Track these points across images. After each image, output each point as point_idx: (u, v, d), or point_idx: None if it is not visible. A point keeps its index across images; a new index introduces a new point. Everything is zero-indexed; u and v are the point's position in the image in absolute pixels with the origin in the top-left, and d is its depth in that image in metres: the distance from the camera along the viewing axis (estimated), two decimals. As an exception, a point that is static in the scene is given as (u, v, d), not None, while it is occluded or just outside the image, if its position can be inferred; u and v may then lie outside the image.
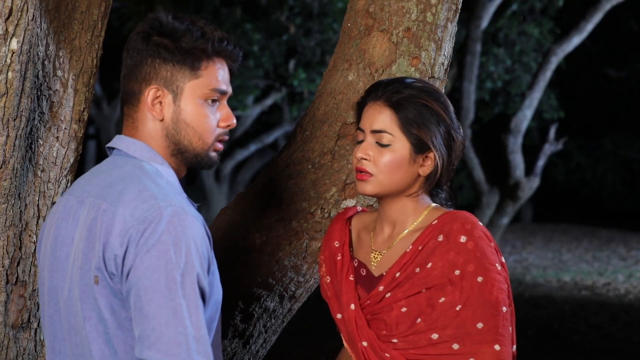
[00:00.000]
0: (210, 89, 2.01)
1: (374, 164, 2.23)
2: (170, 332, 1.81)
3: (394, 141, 2.22)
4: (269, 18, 12.21)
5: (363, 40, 2.67)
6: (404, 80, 2.26)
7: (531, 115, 11.58)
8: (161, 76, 1.99)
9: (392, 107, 2.22)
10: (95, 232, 1.90)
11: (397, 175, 2.23)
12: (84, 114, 2.53)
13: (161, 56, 1.98)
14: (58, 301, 1.99)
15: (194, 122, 2.00)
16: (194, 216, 1.91)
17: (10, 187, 2.34)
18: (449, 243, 2.20)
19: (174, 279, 1.83)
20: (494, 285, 2.17)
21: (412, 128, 2.21)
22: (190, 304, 1.84)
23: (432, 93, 2.24)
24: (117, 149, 2.03)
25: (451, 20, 2.69)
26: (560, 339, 8.31)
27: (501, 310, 2.16)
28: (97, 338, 1.91)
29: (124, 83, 2.04)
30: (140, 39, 2.00)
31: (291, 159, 2.73)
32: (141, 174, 1.95)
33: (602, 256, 14.15)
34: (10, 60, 2.24)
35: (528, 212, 19.86)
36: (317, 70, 12.33)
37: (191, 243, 1.86)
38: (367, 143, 2.24)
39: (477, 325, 2.15)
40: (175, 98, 2.00)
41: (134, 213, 1.87)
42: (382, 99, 2.23)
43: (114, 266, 1.87)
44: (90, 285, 1.90)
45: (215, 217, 2.83)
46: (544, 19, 13.04)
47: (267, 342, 2.83)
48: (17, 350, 2.46)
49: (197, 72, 2.00)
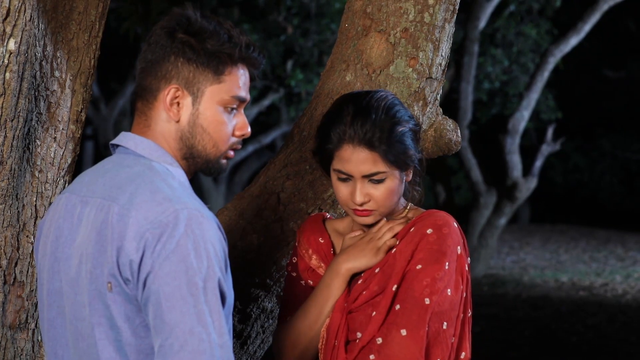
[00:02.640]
0: (231, 95, 1.95)
1: (373, 201, 2.25)
2: (194, 340, 1.75)
3: (386, 175, 2.24)
4: (266, 19, 12.21)
5: (361, 41, 2.67)
6: (370, 113, 2.22)
7: (529, 115, 11.60)
8: (183, 76, 1.93)
9: (376, 149, 2.21)
10: (107, 236, 1.84)
11: (394, 199, 2.27)
12: (81, 115, 2.53)
13: (185, 55, 1.92)
14: (62, 305, 1.93)
15: (210, 127, 1.95)
16: (210, 218, 1.85)
17: (8, 187, 2.34)
18: (417, 235, 2.24)
19: (196, 284, 1.77)
20: (428, 277, 2.19)
21: (399, 161, 2.23)
22: (212, 310, 1.78)
23: (396, 113, 2.24)
24: (124, 146, 1.97)
25: (449, 20, 2.69)
26: (557, 340, 8.31)
27: (423, 301, 2.18)
28: (107, 346, 1.85)
29: (141, 77, 1.96)
30: (164, 35, 1.93)
31: (289, 159, 2.73)
32: (152, 174, 1.88)
33: (600, 257, 14.16)
34: (8, 61, 2.23)
35: (525, 212, 19.87)
36: (314, 71, 12.34)
37: (210, 247, 1.81)
38: (361, 186, 2.24)
39: (395, 307, 2.19)
40: (194, 100, 1.94)
41: (148, 216, 1.81)
42: (362, 143, 2.21)
43: (129, 272, 1.81)
44: (101, 291, 1.84)
45: (213, 217, 2.83)
46: (541, 19, 13.05)
47: (264, 342, 2.83)
48: (15, 351, 2.46)
49: (220, 77, 1.94)
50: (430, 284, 2.19)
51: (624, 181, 19.39)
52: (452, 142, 2.71)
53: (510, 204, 11.63)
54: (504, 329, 8.76)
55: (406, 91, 2.65)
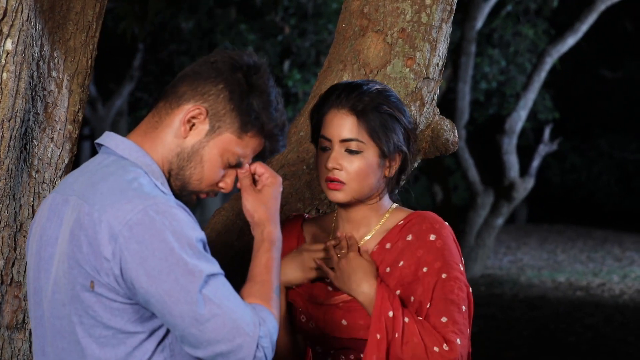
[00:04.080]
0: (239, 154, 1.98)
1: (345, 173, 2.24)
2: (210, 322, 1.79)
3: (364, 148, 2.23)
4: (263, 19, 12.21)
5: (358, 41, 2.67)
6: (361, 85, 2.26)
7: (526, 116, 11.61)
8: (216, 107, 1.95)
9: (358, 116, 2.22)
10: (79, 236, 1.84)
11: (368, 181, 2.25)
12: (78, 115, 2.53)
13: (232, 94, 1.95)
14: (43, 303, 1.94)
15: (207, 164, 1.96)
16: (178, 206, 1.86)
17: (5, 187, 2.34)
18: (418, 241, 2.24)
19: (193, 272, 1.80)
20: (456, 283, 2.21)
21: (380, 135, 2.22)
22: (212, 290, 1.81)
23: (389, 97, 2.26)
24: (105, 146, 1.98)
25: (446, 21, 2.69)
26: (555, 340, 8.32)
27: (462, 308, 2.20)
28: (91, 343, 1.86)
29: (179, 81, 1.98)
30: (229, 65, 1.96)
31: (286, 159, 2.73)
32: (124, 173, 1.89)
33: (597, 257, 14.17)
34: (5, 61, 2.23)
35: (523, 212, 19.89)
36: (311, 71, 12.34)
37: (189, 233, 1.83)
38: (336, 152, 2.24)
39: (441, 319, 2.18)
40: (209, 132, 1.95)
41: (118, 216, 1.82)
42: (347, 107, 2.23)
43: (111, 276, 1.82)
44: (79, 290, 1.85)
45: (210, 217, 2.83)
46: (538, 19, 13.06)
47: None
48: (12, 351, 2.46)
49: (242, 134, 1.96)
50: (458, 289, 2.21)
51: (621, 181, 19.41)
52: (449, 142, 2.71)
53: (508, 204, 11.64)
54: (501, 329, 8.77)
55: (403, 91, 2.65)
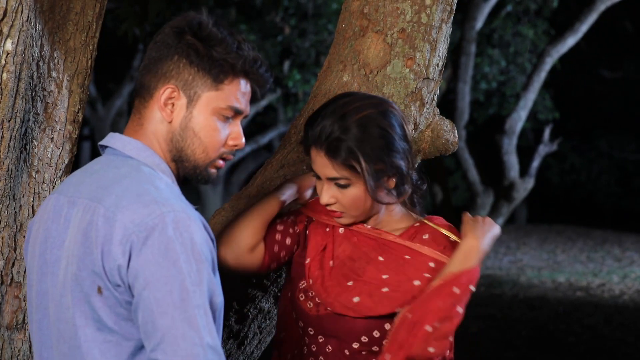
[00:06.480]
0: (227, 105, 1.94)
1: (340, 204, 2.26)
2: (187, 345, 1.74)
3: (352, 181, 2.23)
4: (263, 19, 12.20)
5: (358, 41, 2.67)
6: (341, 112, 2.20)
7: (526, 116, 11.59)
8: (182, 77, 1.92)
9: (336, 158, 2.19)
10: (92, 238, 1.82)
11: (366, 205, 2.27)
12: (78, 115, 2.53)
13: (189, 57, 1.91)
14: (47, 306, 1.92)
15: (202, 132, 1.93)
16: (196, 219, 1.83)
17: (5, 188, 2.34)
18: (435, 239, 2.30)
19: (187, 289, 1.76)
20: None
21: (363, 171, 2.18)
22: (203, 313, 1.77)
23: (366, 126, 2.19)
24: (111, 147, 1.96)
25: (446, 21, 2.69)
26: (554, 340, 8.32)
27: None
28: (92, 348, 1.84)
29: (142, 74, 1.96)
30: (173, 34, 1.93)
31: (286, 160, 2.73)
32: (139, 175, 1.87)
33: (597, 257, 14.18)
34: (5, 61, 2.23)
35: (522, 213, 19.89)
36: (311, 71, 12.34)
37: (198, 249, 1.79)
38: (327, 187, 2.25)
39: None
40: (189, 103, 1.93)
41: (134, 219, 1.79)
42: (324, 150, 2.20)
43: (118, 277, 1.80)
44: (87, 293, 1.83)
45: (210, 218, 2.83)
46: (538, 20, 13.06)
47: (261, 343, 2.83)
48: (12, 352, 2.46)
49: (218, 85, 1.93)
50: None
51: (621, 181, 19.41)
52: (449, 142, 2.71)
53: (507, 204, 11.63)
54: (501, 329, 8.77)
55: (403, 92, 2.65)
